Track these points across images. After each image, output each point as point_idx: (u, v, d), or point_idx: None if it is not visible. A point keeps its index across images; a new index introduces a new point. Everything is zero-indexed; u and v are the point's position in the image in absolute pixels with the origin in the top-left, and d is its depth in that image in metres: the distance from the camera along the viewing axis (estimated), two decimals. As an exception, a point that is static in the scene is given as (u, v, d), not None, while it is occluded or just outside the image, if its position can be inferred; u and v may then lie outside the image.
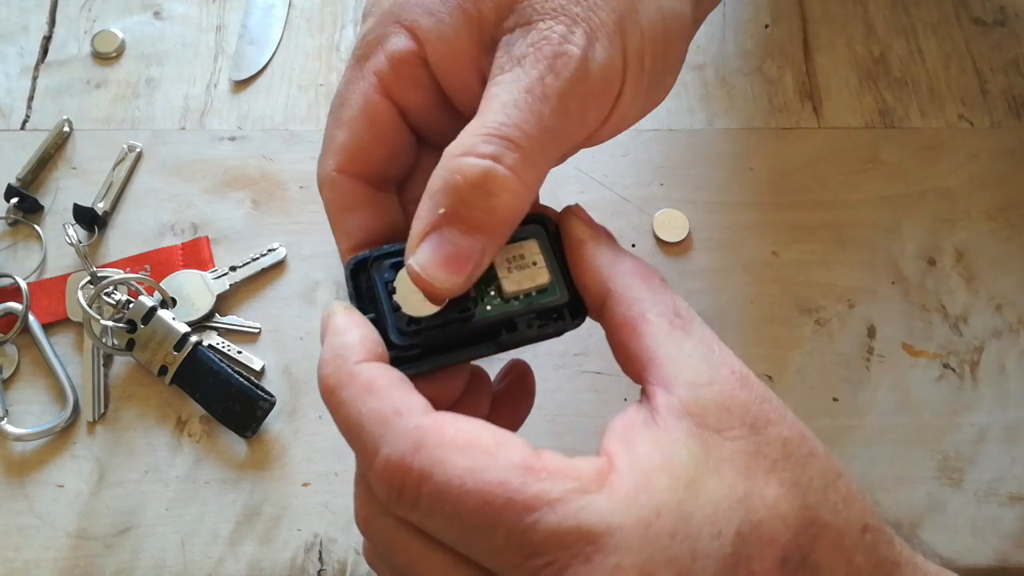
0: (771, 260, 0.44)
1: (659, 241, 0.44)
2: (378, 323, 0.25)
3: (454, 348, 0.26)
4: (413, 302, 0.25)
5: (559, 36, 0.24)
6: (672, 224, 0.44)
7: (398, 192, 0.29)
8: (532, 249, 0.26)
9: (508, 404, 0.31)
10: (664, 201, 0.45)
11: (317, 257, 0.43)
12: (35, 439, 0.39)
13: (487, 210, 0.24)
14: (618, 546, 0.20)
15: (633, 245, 0.44)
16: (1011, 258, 0.44)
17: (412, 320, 0.25)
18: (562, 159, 0.27)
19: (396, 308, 0.25)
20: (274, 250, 0.43)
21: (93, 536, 0.38)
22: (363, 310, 0.26)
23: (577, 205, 0.28)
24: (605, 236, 0.27)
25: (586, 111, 0.25)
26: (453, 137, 0.25)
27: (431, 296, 0.25)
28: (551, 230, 0.27)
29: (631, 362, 0.25)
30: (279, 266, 0.43)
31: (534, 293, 0.26)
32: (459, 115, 0.27)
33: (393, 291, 0.25)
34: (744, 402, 0.23)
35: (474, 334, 0.26)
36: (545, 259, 0.26)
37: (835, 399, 0.41)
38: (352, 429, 0.23)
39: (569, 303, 0.26)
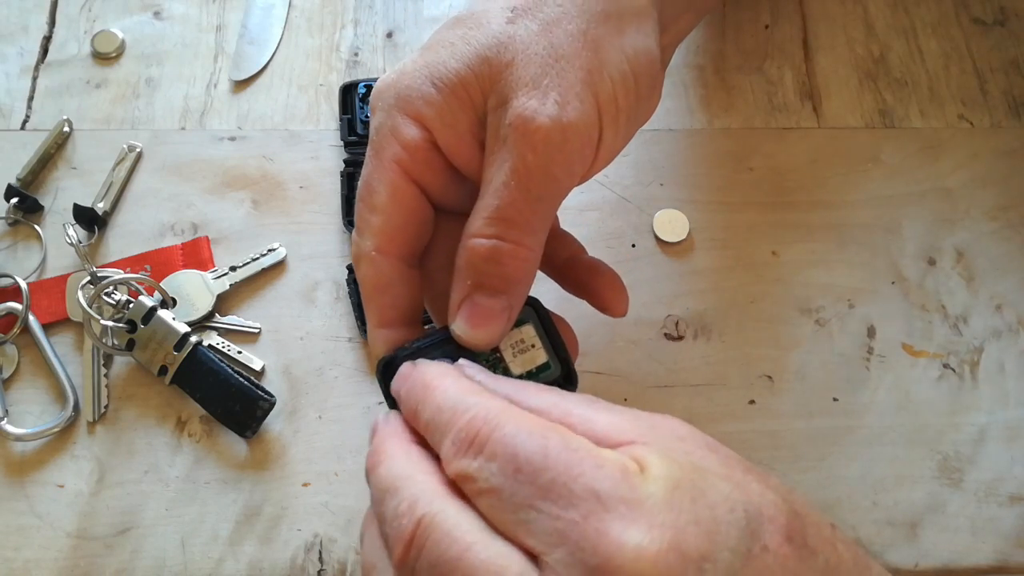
0: (771, 260, 0.44)
1: (659, 241, 0.44)
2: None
3: None
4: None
5: (532, 111, 0.28)
6: (672, 224, 0.44)
7: (420, 263, 0.32)
8: (529, 333, 0.30)
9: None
10: (664, 201, 0.45)
11: (317, 257, 0.43)
12: (35, 439, 0.39)
13: (501, 276, 0.28)
14: (651, 508, 0.22)
15: (633, 245, 0.44)
16: (1011, 258, 0.44)
17: None
18: (558, 207, 0.30)
19: None
20: (274, 250, 0.43)
21: (93, 536, 0.38)
22: (394, 405, 0.29)
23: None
24: None
25: (571, 167, 0.29)
26: (465, 202, 0.30)
27: (473, 349, 0.29)
28: (540, 310, 0.31)
29: None
30: (279, 266, 0.43)
31: (535, 371, 0.30)
32: (468, 181, 0.31)
33: None
34: (689, 433, 0.26)
35: None
36: (540, 341, 0.30)
37: (835, 399, 0.41)
38: (443, 407, 0.25)
39: (563, 374, 0.30)
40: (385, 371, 0.29)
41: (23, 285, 0.41)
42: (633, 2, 0.31)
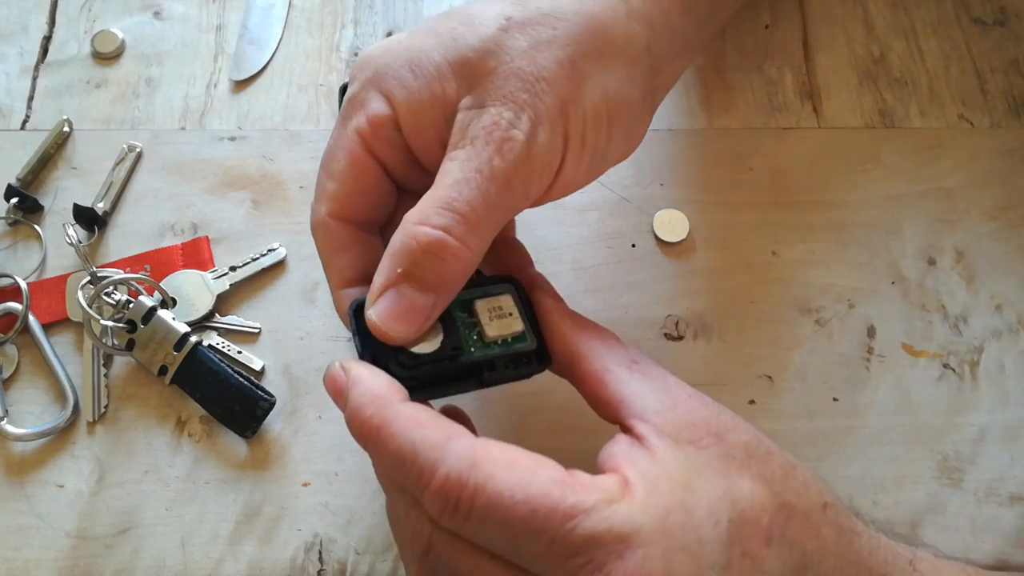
0: (771, 260, 0.44)
1: (659, 241, 0.44)
2: (378, 358, 0.28)
3: (444, 384, 0.29)
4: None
5: (507, 122, 0.28)
6: (672, 224, 0.44)
7: (381, 232, 0.33)
8: (508, 302, 0.31)
9: None
10: (664, 201, 0.45)
11: (317, 257, 0.43)
12: (35, 439, 0.39)
13: (437, 272, 0.27)
14: (642, 541, 0.24)
15: (633, 245, 0.44)
16: (1011, 258, 0.44)
17: (411, 356, 0.28)
18: (506, 223, 0.30)
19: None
20: (274, 250, 0.43)
21: (93, 536, 0.38)
22: (364, 346, 0.29)
23: (540, 276, 0.33)
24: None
25: (528, 187, 0.29)
26: (425, 187, 0.29)
27: (385, 341, 0.28)
28: (520, 287, 0.31)
29: (603, 407, 0.29)
30: (279, 266, 0.43)
31: (510, 339, 0.30)
32: (427, 171, 0.31)
33: None
34: (705, 416, 0.28)
35: (461, 372, 0.30)
36: (519, 311, 0.31)
37: (835, 399, 0.41)
38: (406, 457, 0.25)
39: (537, 350, 0.30)
40: (357, 313, 0.29)
41: (23, 285, 0.41)
42: (628, 48, 0.31)
